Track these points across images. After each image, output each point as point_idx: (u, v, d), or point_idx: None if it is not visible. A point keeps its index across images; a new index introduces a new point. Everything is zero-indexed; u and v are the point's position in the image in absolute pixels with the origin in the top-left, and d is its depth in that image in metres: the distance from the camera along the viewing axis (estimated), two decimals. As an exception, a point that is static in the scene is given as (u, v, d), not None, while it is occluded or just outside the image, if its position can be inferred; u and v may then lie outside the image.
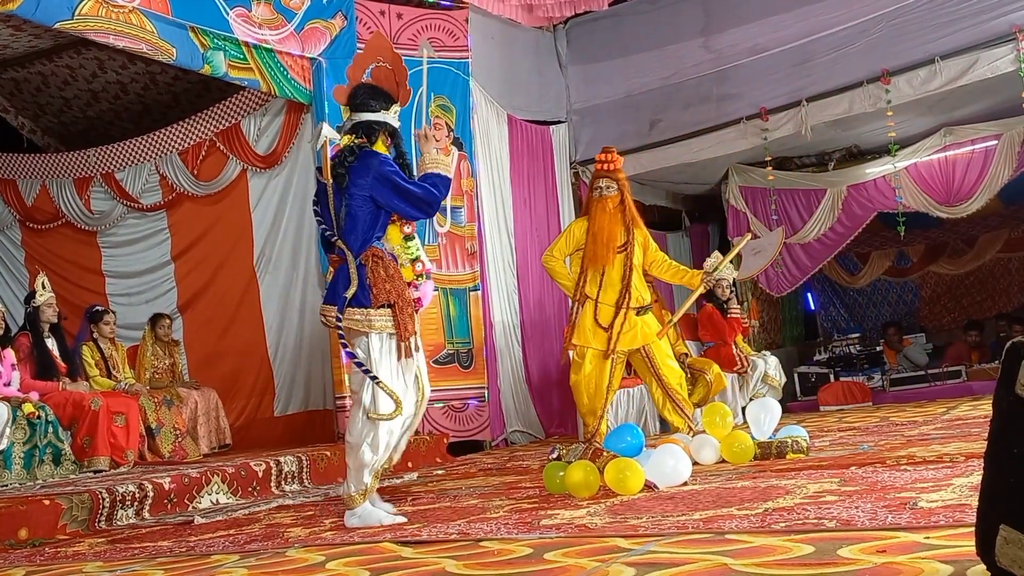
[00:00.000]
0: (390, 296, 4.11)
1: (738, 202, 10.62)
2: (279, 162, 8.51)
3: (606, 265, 6.27)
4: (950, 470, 3.91)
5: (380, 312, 4.11)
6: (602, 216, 6.35)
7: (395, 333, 4.13)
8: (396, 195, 4.16)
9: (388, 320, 4.12)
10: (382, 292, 4.11)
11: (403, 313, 4.12)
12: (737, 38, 9.51)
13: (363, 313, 4.11)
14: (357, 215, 4.15)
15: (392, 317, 4.12)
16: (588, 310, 6.28)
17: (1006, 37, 8.02)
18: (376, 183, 4.15)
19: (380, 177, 4.15)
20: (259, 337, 8.65)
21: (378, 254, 4.17)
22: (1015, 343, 1.84)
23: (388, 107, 4.38)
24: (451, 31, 8.71)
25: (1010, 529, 1.80)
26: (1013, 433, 1.83)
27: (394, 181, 4.16)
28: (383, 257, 4.18)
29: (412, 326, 4.17)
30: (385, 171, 4.17)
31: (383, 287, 4.11)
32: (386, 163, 4.22)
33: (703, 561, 2.57)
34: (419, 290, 4.33)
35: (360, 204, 4.16)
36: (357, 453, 4.14)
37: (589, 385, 6.28)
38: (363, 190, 4.15)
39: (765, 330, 11.36)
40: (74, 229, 9.66)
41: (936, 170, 9.60)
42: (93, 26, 6.39)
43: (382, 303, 4.11)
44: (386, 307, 4.12)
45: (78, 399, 6.63)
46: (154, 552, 3.93)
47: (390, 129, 4.38)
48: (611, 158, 6.50)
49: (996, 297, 12.98)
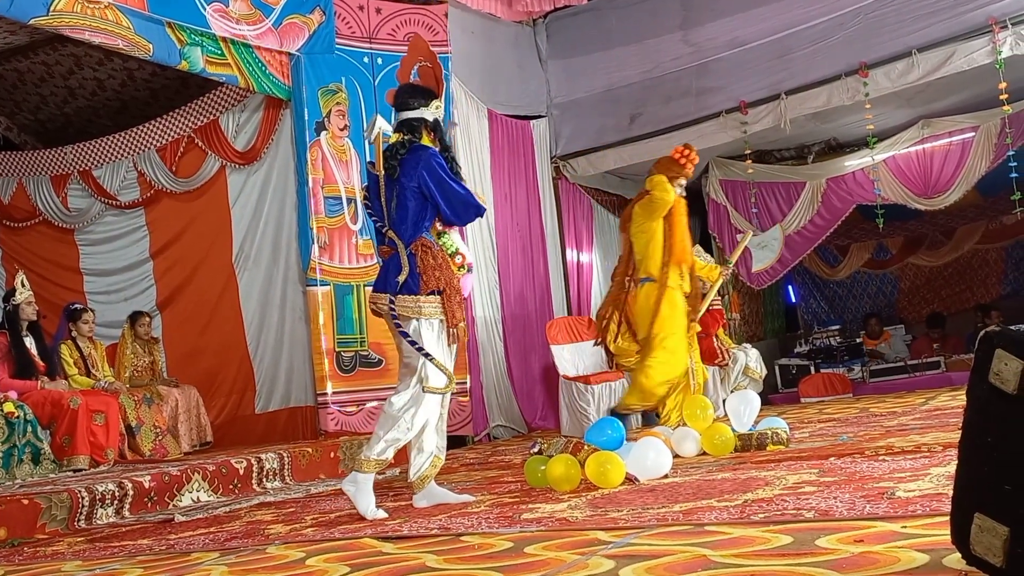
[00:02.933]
0: (439, 283, 4.28)
1: (718, 195, 10.66)
2: (258, 158, 8.46)
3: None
4: (928, 460, 3.94)
5: (429, 299, 4.27)
6: (682, 217, 6.40)
7: (444, 319, 4.30)
8: (439, 188, 4.30)
9: (437, 307, 4.28)
10: (431, 279, 4.27)
11: (451, 300, 4.29)
12: (716, 31, 9.53)
13: (413, 300, 4.26)
14: (408, 205, 4.31)
15: (441, 304, 4.28)
16: (677, 298, 6.39)
17: (982, 29, 8.07)
18: (425, 174, 4.29)
19: (429, 169, 4.30)
20: (239, 334, 8.61)
21: (427, 244, 4.32)
22: (988, 332, 1.85)
23: (428, 103, 4.52)
24: (430, 26, 8.68)
25: (984, 517, 1.81)
26: (987, 422, 1.84)
27: (439, 175, 4.31)
28: (432, 247, 4.33)
29: (460, 313, 4.32)
30: (433, 164, 4.32)
31: (432, 274, 4.27)
32: (435, 156, 4.36)
33: (682, 553, 2.57)
34: (460, 282, 4.46)
35: (411, 195, 4.31)
36: (392, 424, 4.24)
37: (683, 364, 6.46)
38: (413, 180, 4.31)
39: (746, 323, 11.40)
40: (51, 227, 9.59)
41: (914, 162, 9.66)
42: (69, 22, 6.35)
43: (431, 290, 4.27)
44: (435, 294, 4.28)
45: (57, 398, 6.58)
46: (133, 551, 3.91)
47: (431, 124, 4.51)
48: (693, 157, 6.39)
49: (974, 288, 13.08)
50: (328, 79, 8.06)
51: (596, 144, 10.24)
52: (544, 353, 9.16)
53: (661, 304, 6.34)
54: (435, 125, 4.52)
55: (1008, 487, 1.77)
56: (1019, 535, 1.75)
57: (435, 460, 4.44)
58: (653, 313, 6.37)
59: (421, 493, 4.40)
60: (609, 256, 10.77)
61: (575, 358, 8.74)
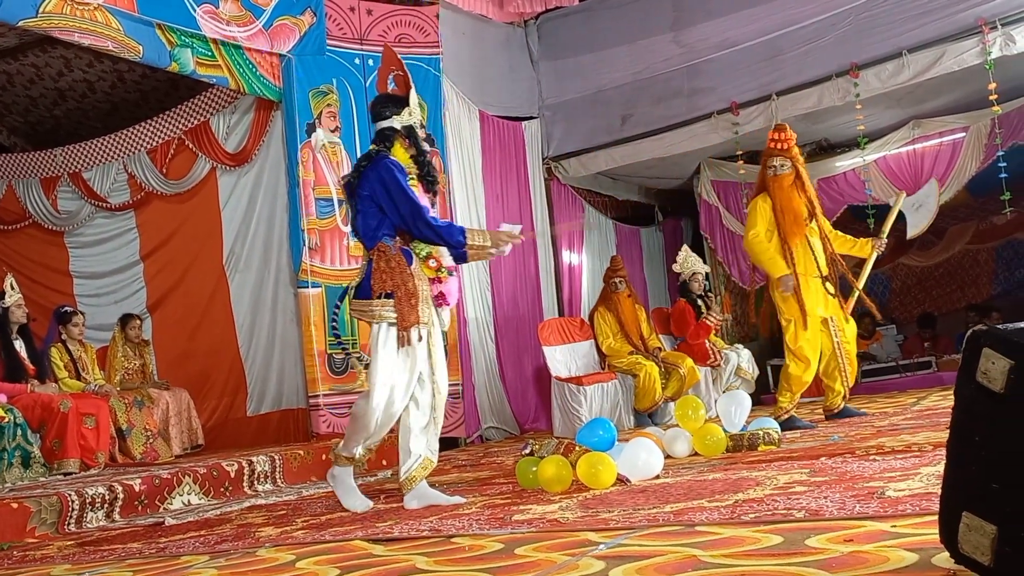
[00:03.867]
0: (386, 286, 4.36)
1: (710, 196, 10.67)
2: (249, 160, 8.45)
3: (808, 237, 6.50)
4: (918, 459, 3.94)
5: (382, 302, 4.37)
6: (781, 193, 6.52)
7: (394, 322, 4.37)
8: (389, 198, 4.39)
9: (391, 310, 4.36)
10: (379, 282, 4.37)
11: (403, 303, 4.34)
12: (707, 32, 9.54)
13: (367, 304, 4.41)
14: (367, 214, 4.44)
15: (394, 306, 4.36)
16: (815, 285, 6.51)
17: (972, 30, 8.08)
18: (378, 184, 4.40)
19: (382, 179, 4.40)
20: (230, 336, 8.60)
21: (383, 248, 4.41)
22: (975, 332, 1.85)
23: (399, 111, 4.60)
24: (422, 27, 8.68)
25: (972, 516, 1.81)
26: (974, 421, 1.84)
27: (392, 185, 4.39)
28: (388, 251, 4.40)
29: (414, 317, 4.35)
30: (387, 174, 4.40)
31: (381, 278, 4.37)
32: (393, 168, 4.43)
33: (672, 553, 2.57)
34: (442, 285, 4.57)
35: (367, 205, 4.44)
36: (353, 422, 4.52)
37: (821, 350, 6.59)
38: (366, 190, 4.43)
39: (738, 323, 11.40)
40: (41, 229, 9.58)
41: (905, 162, 9.68)
42: (58, 24, 6.33)
43: (381, 293, 4.37)
44: (388, 297, 4.36)
45: (47, 401, 6.56)
46: (123, 554, 3.90)
47: (403, 132, 4.59)
48: (784, 136, 6.58)
49: (965, 288, 13.11)
50: (319, 80, 8.05)
51: (587, 145, 10.24)
52: (536, 354, 9.15)
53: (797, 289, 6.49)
54: (408, 132, 4.60)
55: (996, 486, 1.77)
56: (1007, 533, 1.75)
57: (425, 462, 4.48)
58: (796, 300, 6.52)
59: (411, 494, 4.44)
60: (601, 257, 10.77)
61: (567, 359, 8.73)
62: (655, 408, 8.61)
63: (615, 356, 8.78)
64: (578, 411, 8.10)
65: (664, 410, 8.63)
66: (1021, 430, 1.73)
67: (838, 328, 6.67)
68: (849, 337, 6.74)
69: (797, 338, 6.53)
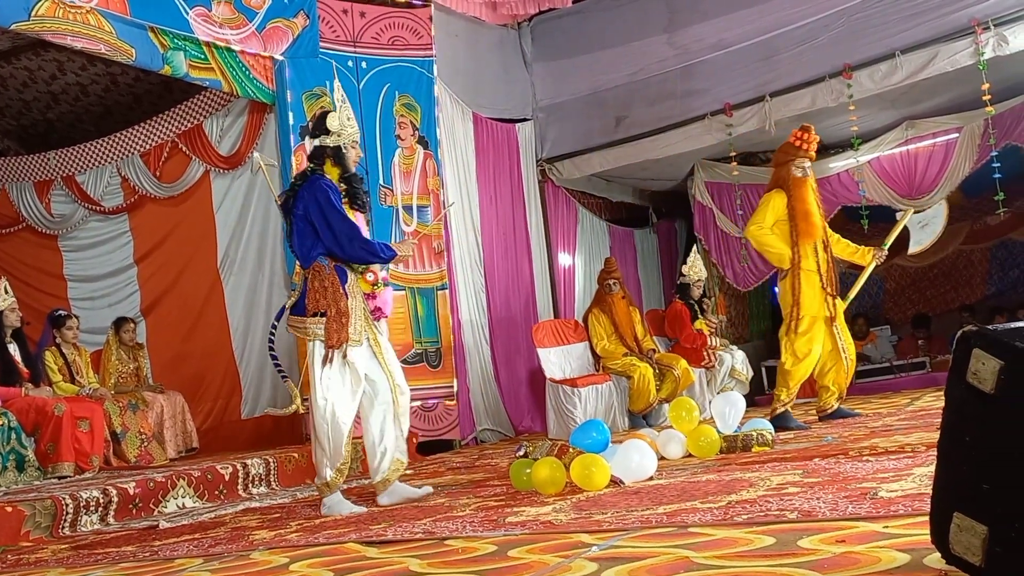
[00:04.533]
0: (320, 306, 4.51)
1: (704, 198, 10.68)
2: (242, 163, 8.44)
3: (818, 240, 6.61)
4: (911, 460, 3.95)
5: (315, 320, 4.53)
6: (808, 194, 6.62)
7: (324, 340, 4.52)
8: (321, 218, 4.52)
9: (322, 328, 4.52)
10: (312, 301, 4.52)
11: (333, 322, 4.49)
12: (701, 34, 9.55)
13: (301, 321, 4.60)
14: (303, 233, 4.58)
15: (324, 325, 4.51)
16: (815, 281, 6.56)
17: (965, 31, 8.10)
18: (311, 204, 4.54)
19: (314, 199, 4.53)
20: (224, 339, 8.59)
21: (318, 267, 4.55)
22: (965, 332, 1.85)
23: (329, 133, 4.75)
24: (415, 29, 8.68)
25: (963, 516, 1.82)
26: (965, 421, 1.85)
27: (325, 205, 4.52)
28: (322, 271, 4.54)
29: (343, 335, 4.50)
30: (319, 195, 4.54)
31: (314, 297, 4.51)
32: (326, 188, 4.56)
33: (665, 555, 2.57)
34: (378, 299, 4.75)
35: (303, 224, 4.58)
36: (314, 444, 4.68)
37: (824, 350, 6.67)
38: (300, 209, 4.57)
39: (732, 325, 11.41)
40: (35, 233, 9.55)
41: (898, 163, 9.69)
42: (50, 27, 6.33)
43: (314, 311, 4.52)
44: (320, 315, 4.51)
45: (41, 405, 6.54)
46: (117, 557, 3.89)
47: (331, 151, 4.73)
48: (809, 137, 6.70)
49: (959, 289, 13.11)
50: (312, 83, 8.05)
51: (581, 147, 10.25)
52: (530, 356, 9.16)
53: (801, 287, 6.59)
54: (334, 152, 4.72)
55: (987, 486, 1.77)
56: (998, 534, 1.75)
57: (396, 463, 4.74)
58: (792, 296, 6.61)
59: (384, 493, 4.74)
60: (595, 259, 10.78)
61: (561, 361, 8.74)
62: (649, 410, 8.62)
63: (609, 358, 8.79)
64: (572, 413, 8.10)
65: (658, 412, 8.64)
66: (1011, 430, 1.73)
67: (840, 328, 6.71)
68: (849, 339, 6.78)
69: (797, 332, 6.55)
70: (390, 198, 8.45)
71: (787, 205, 6.63)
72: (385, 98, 8.47)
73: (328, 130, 4.74)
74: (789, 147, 6.76)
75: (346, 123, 4.78)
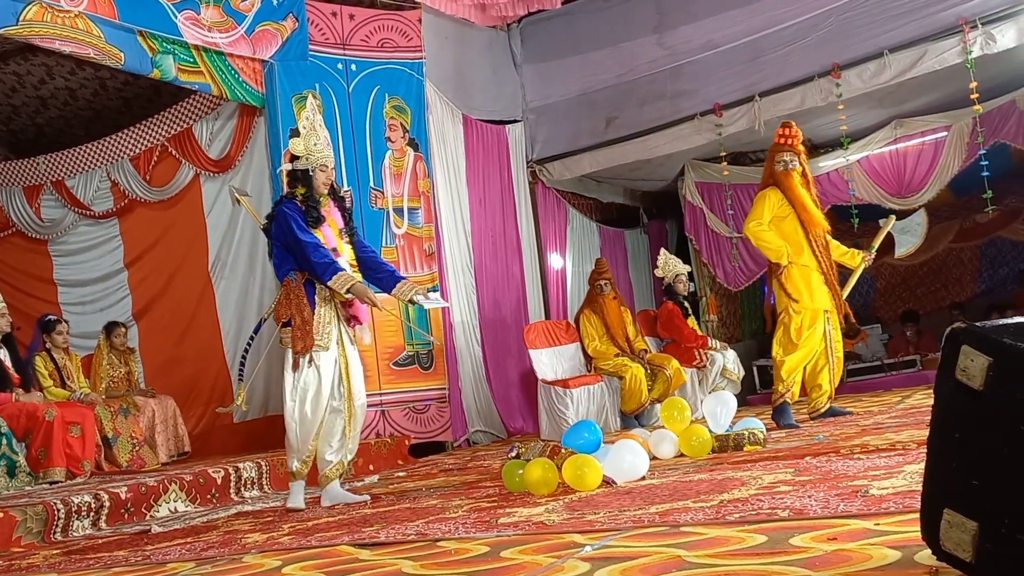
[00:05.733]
0: (286, 315, 4.95)
1: (695, 198, 10.70)
2: (232, 166, 8.44)
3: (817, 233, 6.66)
4: (902, 457, 3.95)
5: (284, 329, 4.98)
6: (794, 187, 6.66)
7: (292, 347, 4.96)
8: (284, 238, 4.98)
9: (289, 336, 4.95)
10: (281, 311, 4.97)
11: (299, 330, 4.92)
12: (690, 34, 9.56)
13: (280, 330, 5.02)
14: (277, 252, 5.05)
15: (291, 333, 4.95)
16: (817, 278, 6.62)
17: (953, 29, 8.12)
18: (278, 229, 5.01)
19: (278, 223, 5.01)
20: (216, 343, 8.58)
21: (287, 281, 5.00)
22: (954, 329, 1.85)
23: (296, 157, 5.15)
24: (404, 31, 8.68)
25: (953, 513, 1.82)
26: (954, 418, 1.85)
27: (285, 226, 4.96)
28: (290, 284, 4.98)
29: (308, 342, 4.92)
30: (282, 222, 4.99)
31: (282, 307, 4.97)
32: (286, 214, 4.99)
33: (657, 554, 2.58)
34: (353, 308, 5.13)
35: (276, 244, 5.05)
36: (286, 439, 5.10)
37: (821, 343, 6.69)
38: (276, 231, 5.03)
39: (724, 324, 11.43)
40: (25, 238, 9.54)
41: (888, 162, 9.72)
42: (39, 31, 6.32)
43: (283, 321, 4.97)
44: (287, 325, 4.96)
45: (32, 410, 6.53)
46: (109, 562, 3.88)
47: (300, 174, 5.12)
48: (790, 133, 6.74)
49: (949, 287, 13.15)
50: (302, 86, 8.04)
51: (572, 148, 10.26)
52: (522, 357, 9.15)
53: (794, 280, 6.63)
54: (303, 175, 5.11)
55: (976, 482, 1.78)
56: (988, 530, 1.76)
57: (338, 465, 5.14)
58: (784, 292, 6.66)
59: (323, 492, 5.14)
60: (585, 260, 10.79)
61: (553, 362, 8.74)
62: (641, 410, 8.62)
63: (601, 358, 8.79)
64: (564, 413, 8.10)
65: (650, 412, 8.64)
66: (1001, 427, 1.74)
67: (832, 327, 6.72)
68: (839, 338, 6.80)
69: (791, 325, 6.58)
70: (380, 200, 8.45)
71: (783, 199, 6.65)
72: (375, 100, 8.47)
73: (295, 155, 5.13)
74: (773, 144, 6.84)
75: (312, 148, 5.11)
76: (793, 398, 6.67)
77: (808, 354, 6.67)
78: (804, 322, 6.60)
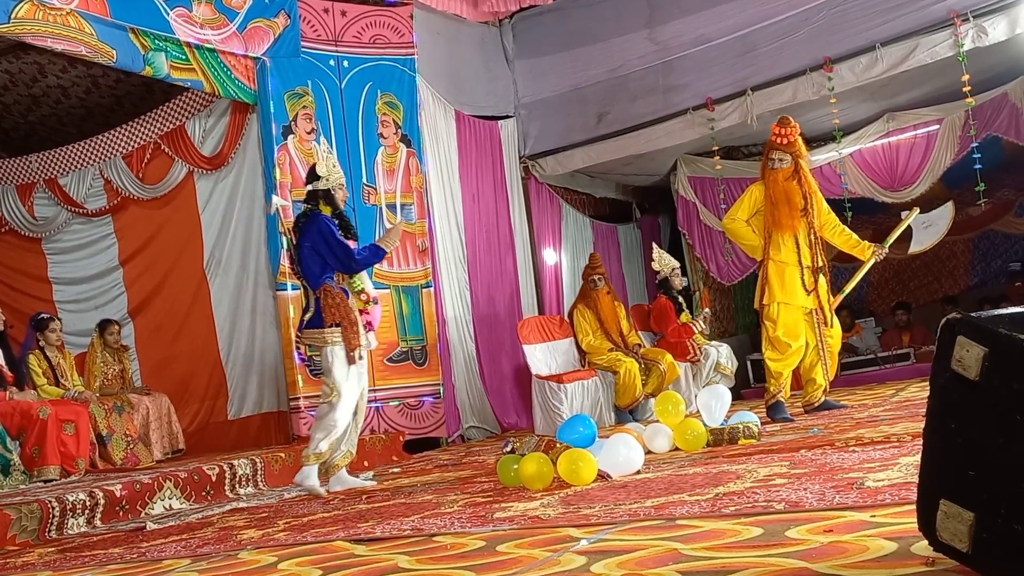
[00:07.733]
0: (336, 317, 5.48)
1: (687, 192, 10.70)
2: (226, 163, 8.42)
3: (796, 231, 6.61)
4: (897, 449, 3.96)
5: (331, 330, 5.48)
6: (776, 187, 6.66)
7: (343, 344, 5.49)
8: (327, 247, 5.54)
9: (339, 336, 5.48)
10: (329, 315, 5.49)
11: (348, 331, 5.48)
12: (681, 29, 9.56)
13: (319, 332, 5.52)
14: (311, 261, 5.56)
15: (342, 333, 5.48)
16: (793, 273, 6.60)
17: (944, 22, 8.13)
18: (317, 237, 5.53)
19: (319, 233, 5.54)
20: (211, 340, 8.56)
21: (328, 288, 5.52)
22: (950, 319, 1.86)
23: (319, 178, 5.73)
24: (396, 27, 8.67)
25: (950, 503, 1.82)
26: (950, 408, 1.85)
27: (326, 236, 5.53)
28: (332, 290, 5.52)
29: (357, 340, 5.51)
30: (323, 228, 5.56)
31: (331, 311, 5.48)
32: (326, 222, 5.59)
33: (654, 547, 2.58)
34: (370, 315, 5.71)
35: (310, 254, 5.56)
36: (320, 426, 5.58)
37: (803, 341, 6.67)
38: (308, 241, 5.56)
39: (717, 319, 11.44)
40: (18, 236, 9.51)
41: (880, 156, 9.74)
42: (31, 29, 6.30)
43: (331, 323, 5.47)
44: (335, 326, 5.47)
45: (26, 408, 6.52)
46: (105, 560, 3.88)
47: (322, 193, 5.71)
48: (786, 131, 6.71)
49: (942, 280, 13.17)
50: (294, 83, 8.03)
51: (564, 143, 10.25)
52: (515, 353, 9.15)
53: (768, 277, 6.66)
54: (325, 194, 5.71)
55: (972, 473, 1.78)
56: (984, 520, 1.76)
57: (347, 454, 5.77)
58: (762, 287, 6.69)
59: (333, 479, 5.70)
60: (579, 255, 10.79)
61: (547, 357, 8.74)
62: (636, 404, 8.63)
63: (595, 353, 8.80)
64: (559, 408, 8.11)
65: (645, 406, 8.64)
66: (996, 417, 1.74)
67: (821, 322, 6.72)
68: (833, 333, 6.80)
69: (776, 325, 6.59)
70: (373, 197, 8.45)
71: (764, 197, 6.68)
72: (367, 97, 8.46)
73: (318, 176, 5.69)
74: (769, 142, 6.83)
75: (332, 169, 5.73)
76: (785, 397, 6.68)
77: (795, 354, 6.66)
78: (786, 320, 6.59)
